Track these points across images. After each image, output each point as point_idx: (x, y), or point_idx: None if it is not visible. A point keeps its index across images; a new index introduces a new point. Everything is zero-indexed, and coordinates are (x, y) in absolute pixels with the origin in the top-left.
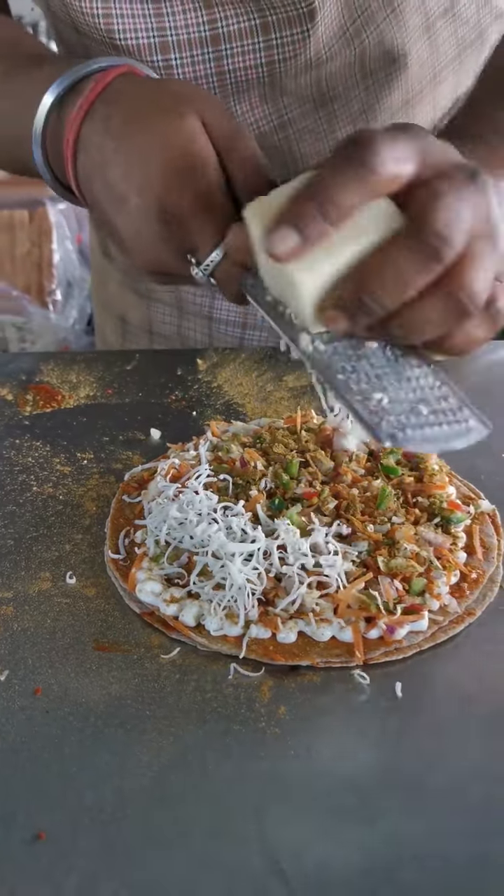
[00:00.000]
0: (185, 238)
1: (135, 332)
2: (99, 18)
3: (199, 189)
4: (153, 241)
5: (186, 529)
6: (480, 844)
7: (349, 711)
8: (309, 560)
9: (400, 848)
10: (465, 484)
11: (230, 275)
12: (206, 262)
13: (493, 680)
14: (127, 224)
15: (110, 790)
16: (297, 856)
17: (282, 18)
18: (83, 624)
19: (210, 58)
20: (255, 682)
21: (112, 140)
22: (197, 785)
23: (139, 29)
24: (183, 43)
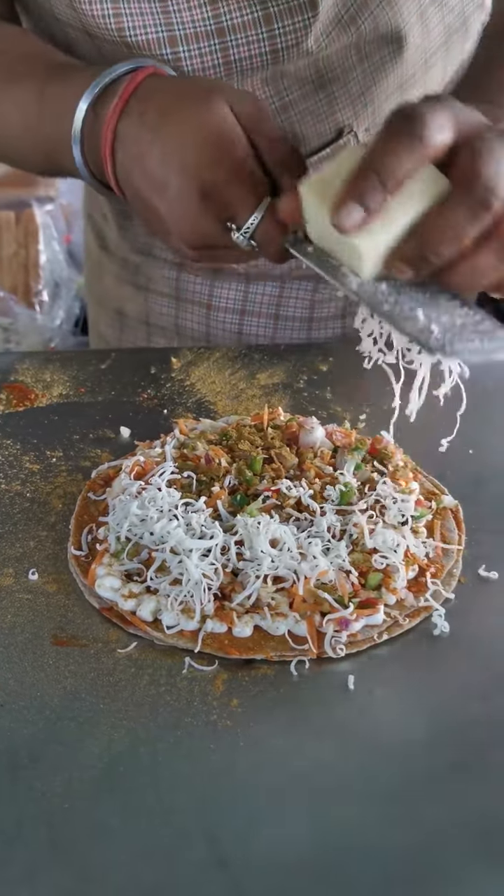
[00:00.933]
0: (224, 207)
1: (132, 325)
2: (110, 19)
3: (233, 163)
4: (196, 216)
5: (147, 526)
6: (422, 834)
7: (300, 704)
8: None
9: (344, 838)
10: (430, 479)
11: (269, 235)
12: (247, 226)
13: (444, 674)
14: (170, 205)
15: (59, 782)
16: (241, 845)
17: (283, 9)
18: (43, 619)
19: (216, 49)
20: (209, 676)
21: (149, 132)
22: (146, 776)
23: (148, 25)
24: (190, 36)
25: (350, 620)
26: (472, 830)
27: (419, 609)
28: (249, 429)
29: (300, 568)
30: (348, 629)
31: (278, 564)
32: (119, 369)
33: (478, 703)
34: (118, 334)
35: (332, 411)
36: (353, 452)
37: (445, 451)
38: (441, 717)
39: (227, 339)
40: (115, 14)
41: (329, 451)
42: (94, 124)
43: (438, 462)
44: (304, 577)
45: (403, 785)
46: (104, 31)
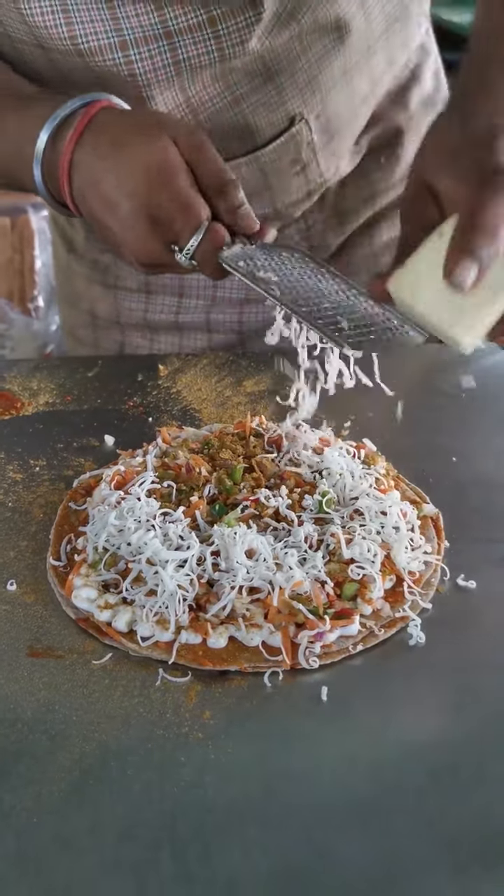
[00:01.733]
0: (168, 230)
1: (104, 326)
2: (62, 28)
3: (175, 190)
4: (143, 237)
5: (124, 536)
6: (389, 845)
7: (272, 716)
8: (243, 563)
9: (312, 851)
10: (412, 487)
11: (207, 255)
12: (188, 248)
13: (419, 686)
14: (120, 225)
15: (29, 795)
16: (207, 860)
17: (226, 11)
18: (19, 630)
19: (165, 50)
20: (182, 687)
21: (101, 161)
22: (115, 790)
23: (98, 32)
24: (140, 40)
25: (324, 631)
26: (439, 841)
27: (395, 619)
28: (231, 437)
29: (275, 579)
30: (323, 640)
31: (253, 575)
32: (106, 377)
33: (451, 715)
34: (93, 334)
35: (316, 418)
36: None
37: (429, 459)
38: (414, 729)
39: (196, 325)
40: (66, 23)
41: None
42: (52, 153)
43: (422, 470)
44: (278, 587)
45: (373, 797)
46: (57, 41)
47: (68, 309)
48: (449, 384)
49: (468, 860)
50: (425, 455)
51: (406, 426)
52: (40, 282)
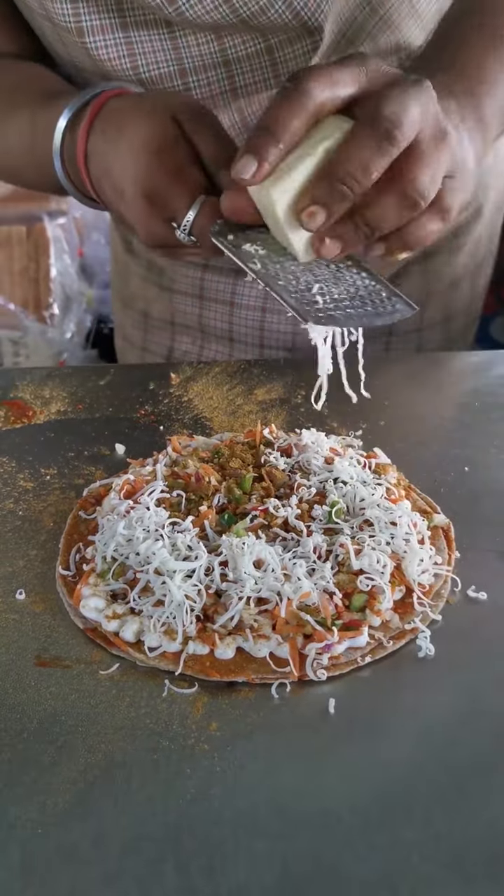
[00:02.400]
0: (166, 208)
1: (157, 326)
2: (125, 60)
3: (170, 167)
4: (146, 218)
5: (133, 546)
6: (398, 859)
7: (280, 728)
8: (251, 574)
9: (319, 866)
10: (423, 497)
11: (203, 229)
12: (184, 223)
13: (427, 699)
14: (128, 210)
15: (34, 806)
16: (211, 874)
17: (283, 40)
18: (27, 640)
19: (223, 77)
20: (189, 699)
21: (108, 146)
22: (120, 801)
23: (160, 61)
24: (199, 68)
25: (333, 643)
26: (447, 855)
27: (405, 631)
28: (241, 446)
29: (283, 589)
30: (331, 652)
31: (261, 586)
32: (118, 385)
33: (460, 729)
34: (143, 335)
35: (328, 427)
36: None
37: (441, 469)
38: (422, 743)
39: (249, 335)
40: (129, 55)
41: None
42: (71, 144)
43: (433, 479)
44: (286, 598)
45: (381, 810)
46: (119, 71)
47: (122, 309)
48: (462, 393)
49: (476, 875)
50: (437, 464)
51: (418, 435)
52: (55, 290)
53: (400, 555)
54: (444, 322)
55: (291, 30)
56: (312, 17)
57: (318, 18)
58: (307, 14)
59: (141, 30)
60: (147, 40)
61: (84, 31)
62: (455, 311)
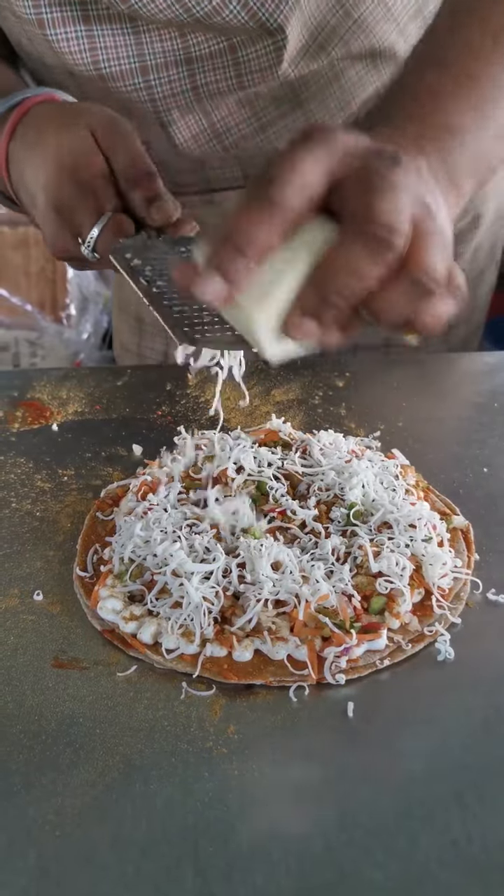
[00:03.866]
0: (73, 222)
1: (150, 332)
2: (86, 54)
3: (81, 181)
4: (55, 230)
5: (150, 548)
6: (418, 867)
7: (298, 731)
8: (269, 576)
9: (337, 871)
10: (442, 499)
11: (107, 247)
12: (88, 239)
13: (446, 703)
14: (39, 218)
15: (52, 808)
16: (229, 879)
17: (245, 39)
18: (45, 641)
19: (184, 75)
20: (207, 701)
21: (26, 153)
22: (137, 804)
23: (121, 57)
24: (160, 65)
25: (351, 646)
26: (465, 863)
27: (423, 634)
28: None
29: (301, 592)
30: (349, 654)
31: (279, 589)
32: (135, 386)
33: (479, 733)
34: (138, 341)
35: (346, 427)
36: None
37: (460, 470)
38: (441, 747)
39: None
40: (90, 48)
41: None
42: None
43: (452, 481)
44: (304, 601)
45: (399, 817)
46: (81, 66)
47: (118, 314)
48: (479, 393)
49: (496, 882)
50: (456, 466)
51: (436, 436)
52: (72, 291)
53: (419, 557)
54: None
55: (250, 30)
56: (270, 17)
57: (276, 19)
58: (264, 15)
59: (103, 24)
60: (109, 34)
61: (45, 24)
62: (455, 321)
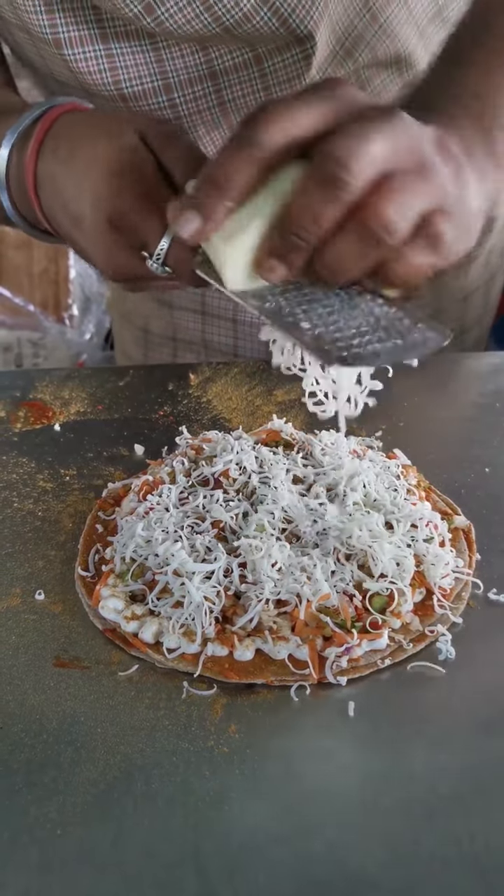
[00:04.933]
0: (135, 236)
1: (158, 342)
2: (106, 74)
3: (139, 190)
4: (111, 249)
5: (152, 547)
6: (420, 867)
7: (299, 731)
8: (270, 576)
9: (338, 871)
10: (443, 499)
11: (181, 259)
12: (157, 252)
13: (447, 702)
14: (87, 240)
15: (53, 807)
16: (230, 878)
17: (272, 49)
18: (46, 640)
19: (210, 91)
20: (208, 700)
21: (61, 167)
22: (139, 803)
23: (143, 76)
24: (184, 82)
25: (353, 646)
26: (467, 863)
27: (425, 633)
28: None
29: (303, 591)
30: (350, 654)
31: (280, 589)
32: (137, 386)
33: (480, 734)
34: (144, 351)
35: (347, 428)
36: None
37: (461, 470)
38: (442, 746)
39: (255, 350)
40: (110, 68)
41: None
42: (18, 168)
43: (454, 481)
44: (306, 600)
45: (401, 816)
46: (101, 86)
47: (121, 324)
48: (481, 394)
49: (498, 882)
50: (457, 466)
51: (438, 437)
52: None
53: (421, 557)
54: (457, 335)
55: (279, 38)
56: (301, 24)
57: (307, 25)
58: (295, 21)
59: (122, 41)
60: (129, 53)
61: (62, 43)
62: (468, 324)
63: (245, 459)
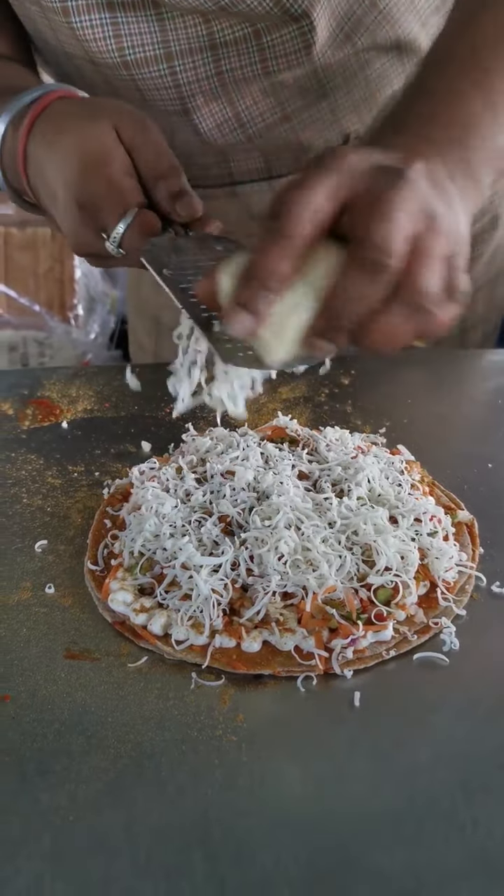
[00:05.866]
0: (97, 218)
1: (168, 333)
2: (111, 41)
3: (106, 177)
4: (77, 226)
5: (160, 541)
6: (424, 857)
7: (305, 720)
8: (277, 569)
9: (344, 859)
10: (447, 493)
11: (133, 244)
12: (114, 235)
13: (451, 693)
14: (60, 215)
15: (65, 794)
16: (240, 864)
17: (269, 25)
18: (57, 633)
19: (209, 61)
20: (216, 691)
21: (45, 149)
22: (149, 790)
23: (145, 44)
24: (185, 52)
25: (358, 637)
26: (471, 850)
27: (429, 625)
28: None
29: (309, 584)
30: (356, 645)
31: (286, 583)
32: (144, 384)
33: (483, 722)
34: (155, 342)
35: (352, 424)
36: None
37: (465, 466)
38: (446, 737)
39: None
40: (114, 35)
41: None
42: (13, 143)
43: (457, 476)
44: (312, 592)
45: (405, 805)
46: (105, 53)
47: (135, 316)
48: (485, 391)
49: (501, 870)
50: (461, 461)
51: (442, 432)
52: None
53: (425, 550)
54: (461, 333)
55: (275, 16)
56: (294, 4)
57: (300, 6)
58: (288, 1)
59: (128, 11)
60: (134, 21)
61: (70, 11)
62: (473, 322)
63: (251, 455)
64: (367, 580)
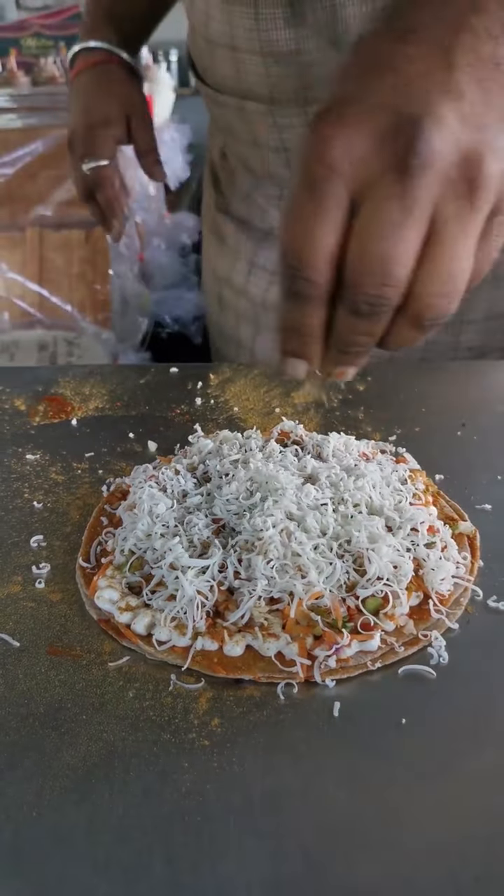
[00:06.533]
0: (90, 148)
1: (233, 299)
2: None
3: (109, 119)
4: (83, 141)
5: (152, 541)
6: (389, 870)
7: (282, 728)
8: (265, 573)
9: (307, 870)
10: (451, 504)
11: (101, 174)
12: (95, 163)
13: (434, 709)
14: (73, 125)
15: (32, 790)
16: (197, 869)
17: None
18: (42, 628)
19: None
20: (194, 693)
21: (79, 90)
22: (115, 790)
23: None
24: None
25: (343, 646)
26: (443, 867)
27: (418, 637)
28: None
29: (296, 589)
30: (340, 654)
31: (271, 589)
32: (157, 384)
33: (466, 742)
34: (219, 309)
35: (362, 431)
36: None
37: (473, 476)
38: (425, 753)
39: None
40: None
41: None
42: (74, 62)
43: (464, 487)
44: (297, 598)
45: (377, 816)
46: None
47: (220, 307)
48: (500, 401)
49: (470, 889)
50: (470, 472)
51: (453, 443)
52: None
53: (421, 561)
54: (485, 321)
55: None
56: None
57: None
58: None
59: None
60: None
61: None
62: (498, 311)
63: (251, 458)
64: (355, 589)
